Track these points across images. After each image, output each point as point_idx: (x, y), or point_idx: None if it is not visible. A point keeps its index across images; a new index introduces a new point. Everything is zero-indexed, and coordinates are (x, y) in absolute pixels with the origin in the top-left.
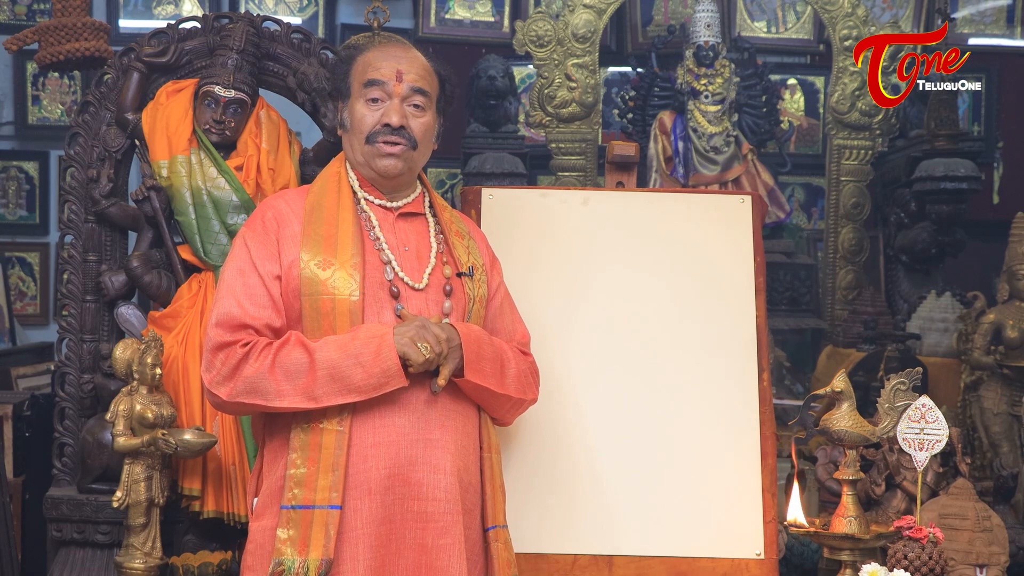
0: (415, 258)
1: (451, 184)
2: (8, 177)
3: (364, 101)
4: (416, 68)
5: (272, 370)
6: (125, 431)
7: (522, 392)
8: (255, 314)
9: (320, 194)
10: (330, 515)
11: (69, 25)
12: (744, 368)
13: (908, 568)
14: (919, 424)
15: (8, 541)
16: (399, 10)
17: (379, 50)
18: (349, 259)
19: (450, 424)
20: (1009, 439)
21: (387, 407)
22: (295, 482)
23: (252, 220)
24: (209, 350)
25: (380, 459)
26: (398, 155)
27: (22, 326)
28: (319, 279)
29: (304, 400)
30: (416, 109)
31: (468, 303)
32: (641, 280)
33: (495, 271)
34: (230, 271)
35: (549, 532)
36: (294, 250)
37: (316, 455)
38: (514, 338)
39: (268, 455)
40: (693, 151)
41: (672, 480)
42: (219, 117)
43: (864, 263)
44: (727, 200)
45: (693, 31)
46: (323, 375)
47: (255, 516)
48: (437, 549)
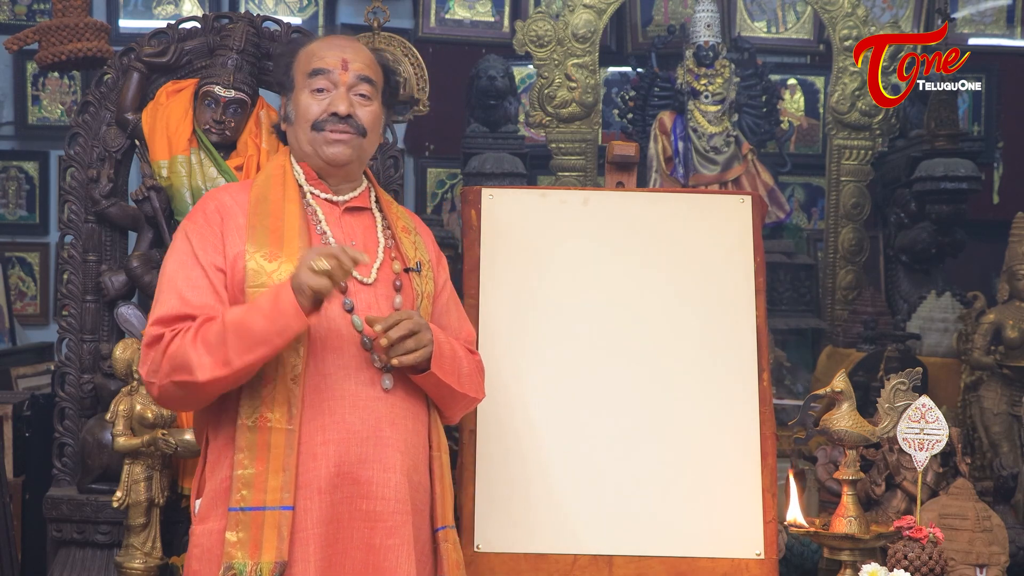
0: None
1: (451, 184)
2: (8, 177)
3: (309, 91)
4: (361, 57)
5: (194, 343)
6: (125, 431)
7: (475, 391)
8: (198, 303)
9: (265, 187)
10: (282, 516)
11: (70, 25)
12: (744, 368)
13: (908, 568)
14: (919, 424)
15: (8, 541)
16: (399, 10)
17: (323, 41)
18: (296, 252)
19: (401, 422)
20: (1009, 439)
21: (337, 404)
22: (243, 483)
23: (193, 213)
24: (144, 345)
25: (329, 457)
26: (346, 142)
27: (22, 326)
28: (266, 271)
29: (221, 367)
30: (363, 98)
31: (417, 299)
32: (641, 280)
33: (441, 267)
34: (171, 265)
35: (549, 532)
36: (239, 242)
37: (265, 455)
38: (460, 336)
39: (211, 455)
40: (693, 151)
41: (672, 480)
42: (219, 117)
43: (864, 263)
44: (727, 200)
45: (693, 31)
46: (232, 336)
47: (199, 519)
48: (385, 549)
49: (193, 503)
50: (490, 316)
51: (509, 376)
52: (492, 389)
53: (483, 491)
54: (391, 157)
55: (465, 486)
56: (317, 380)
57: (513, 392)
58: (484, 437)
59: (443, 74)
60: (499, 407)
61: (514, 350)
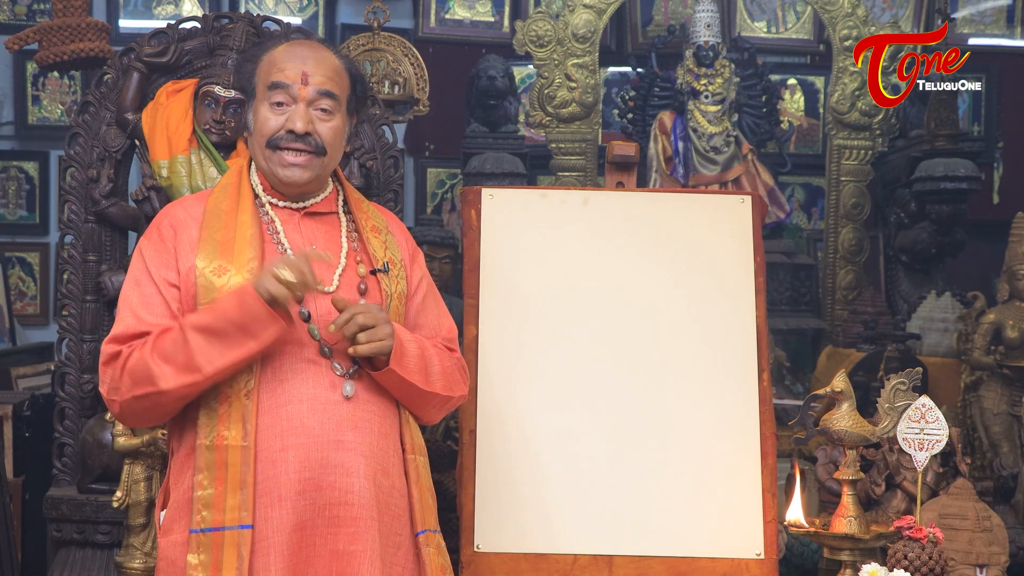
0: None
1: (451, 184)
2: (8, 177)
3: (268, 104)
4: (323, 69)
5: (152, 354)
6: (125, 431)
7: (449, 389)
8: (152, 321)
9: (219, 198)
10: (241, 535)
11: (72, 25)
12: (744, 368)
13: (908, 568)
14: (919, 424)
15: (8, 541)
16: (399, 10)
17: (286, 49)
18: (246, 263)
19: (365, 425)
20: (1009, 439)
21: (295, 408)
22: (203, 504)
23: (149, 230)
24: (101, 364)
25: (290, 463)
26: (304, 165)
27: (22, 326)
28: (214, 286)
29: (187, 373)
30: (323, 113)
31: (386, 300)
32: (641, 280)
33: (416, 264)
34: (127, 284)
35: (549, 532)
36: (191, 257)
37: (223, 474)
38: (439, 333)
39: (175, 467)
40: (693, 151)
41: (672, 480)
42: (219, 117)
43: (864, 263)
44: (727, 200)
45: (693, 31)
46: (197, 342)
47: (163, 531)
48: (349, 555)
49: (158, 514)
50: (490, 316)
51: (509, 376)
52: (492, 389)
53: (483, 491)
54: (391, 157)
55: (465, 486)
56: (274, 387)
57: (513, 392)
58: (484, 437)
59: (443, 74)
60: (499, 407)
61: (514, 350)
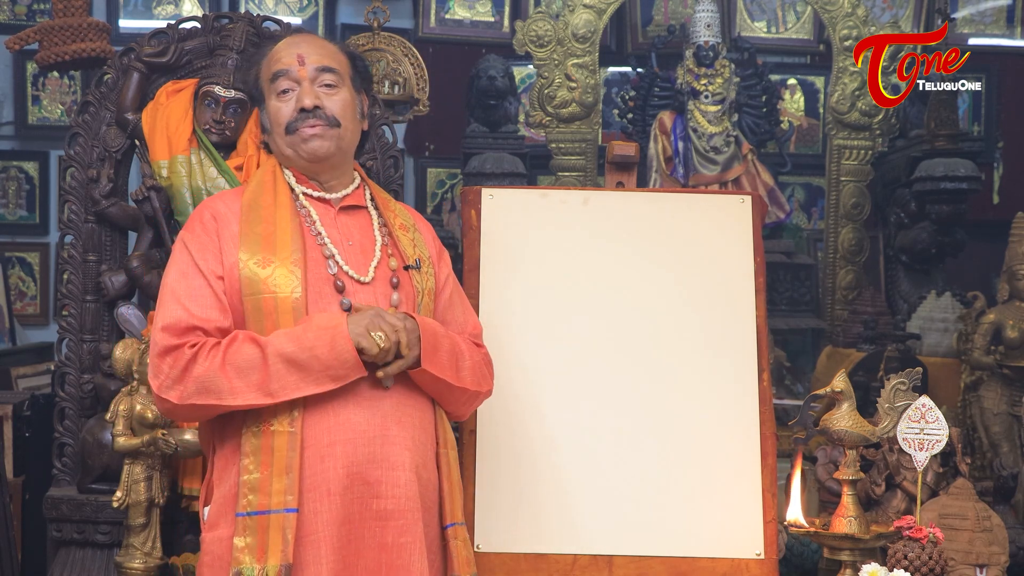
0: (359, 252)
1: (451, 184)
2: (8, 177)
3: (276, 96)
4: (317, 49)
5: (223, 367)
6: (125, 431)
7: (477, 384)
8: (202, 315)
9: (256, 192)
10: (286, 519)
11: (73, 26)
12: (744, 368)
13: (908, 568)
14: (919, 424)
15: (8, 541)
16: (399, 10)
17: (280, 44)
18: (289, 256)
19: (407, 420)
20: (1009, 439)
21: (341, 404)
22: (249, 488)
23: (190, 223)
24: (156, 355)
25: (337, 458)
26: (321, 135)
27: (22, 326)
28: (259, 278)
29: (260, 396)
30: (328, 88)
31: (417, 296)
32: (641, 280)
33: (443, 262)
34: (172, 275)
35: (549, 532)
36: (234, 251)
37: (269, 458)
38: (466, 330)
39: (219, 462)
40: (693, 151)
41: (672, 480)
42: (219, 117)
43: (864, 263)
44: (727, 200)
45: (693, 31)
46: (278, 369)
47: (208, 527)
48: (398, 548)
49: (201, 511)
50: (490, 316)
51: (509, 377)
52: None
53: (483, 491)
54: (391, 157)
55: (465, 486)
56: None
57: (513, 393)
58: (484, 437)
59: (443, 74)
60: (499, 407)
61: (514, 350)
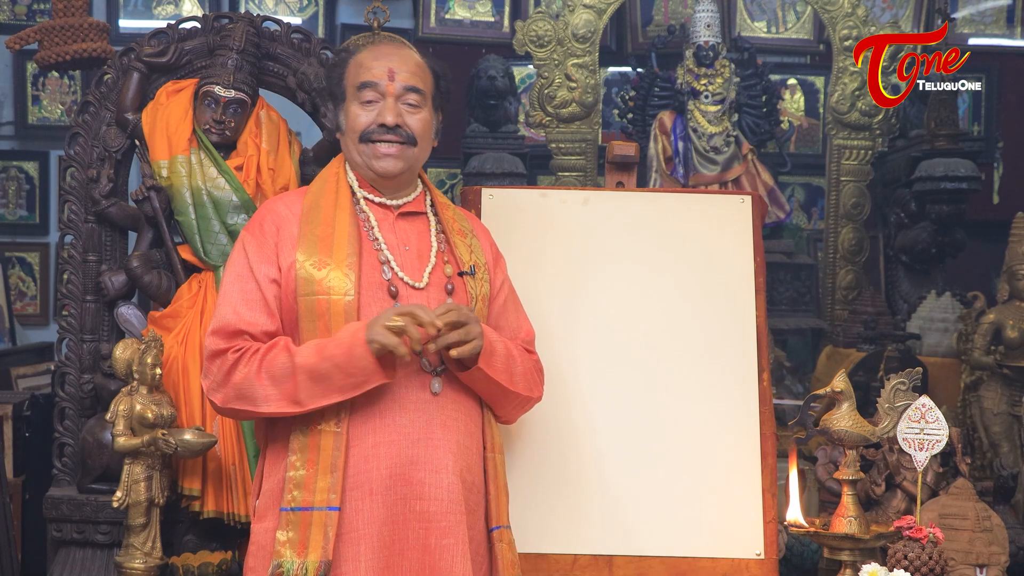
0: (415, 257)
1: (451, 184)
2: (8, 177)
3: (359, 103)
4: (408, 66)
5: (259, 375)
6: (125, 431)
7: (529, 390)
8: (250, 319)
9: (318, 195)
10: (328, 516)
11: (73, 26)
12: (744, 368)
13: (908, 568)
14: (919, 424)
15: (8, 541)
16: (399, 10)
17: (371, 51)
18: (345, 259)
19: (452, 424)
20: (1009, 439)
21: (388, 406)
22: (294, 484)
23: (251, 224)
24: (206, 357)
25: (381, 459)
26: (396, 155)
27: (22, 326)
28: (314, 279)
29: (289, 405)
30: (411, 107)
31: (471, 302)
32: (641, 280)
33: (499, 268)
34: (228, 277)
35: (549, 532)
36: (292, 252)
37: (315, 457)
38: (519, 336)
39: (270, 457)
40: (693, 151)
41: (672, 480)
42: (219, 117)
43: (864, 263)
44: (727, 200)
45: (693, 31)
46: (303, 379)
47: (257, 518)
48: (440, 550)
49: (252, 503)
50: None
51: None
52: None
53: None
54: None
55: None
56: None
57: None
58: None
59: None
60: None
61: None
